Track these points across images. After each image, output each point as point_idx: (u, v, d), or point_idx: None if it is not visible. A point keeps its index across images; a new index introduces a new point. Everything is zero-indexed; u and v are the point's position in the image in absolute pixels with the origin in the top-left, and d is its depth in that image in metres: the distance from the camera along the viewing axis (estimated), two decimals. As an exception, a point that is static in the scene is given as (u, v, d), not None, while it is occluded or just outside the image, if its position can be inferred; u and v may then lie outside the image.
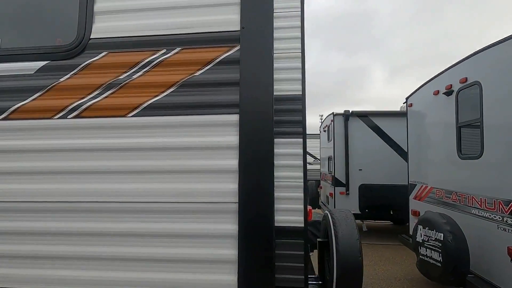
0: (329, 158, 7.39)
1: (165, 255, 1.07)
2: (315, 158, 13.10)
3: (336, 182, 6.75)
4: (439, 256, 3.09)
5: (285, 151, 2.27)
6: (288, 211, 2.23)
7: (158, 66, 1.14)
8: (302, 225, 2.21)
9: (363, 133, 6.69)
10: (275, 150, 2.25)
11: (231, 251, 1.02)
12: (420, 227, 3.52)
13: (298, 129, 2.22)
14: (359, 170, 6.63)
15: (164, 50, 1.15)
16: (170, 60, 1.14)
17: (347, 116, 6.69)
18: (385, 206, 6.46)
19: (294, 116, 2.31)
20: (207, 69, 1.12)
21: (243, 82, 1.08)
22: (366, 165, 6.61)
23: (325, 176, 8.24)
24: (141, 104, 1.11)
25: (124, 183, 1.08)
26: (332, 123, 6.96)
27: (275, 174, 2.24)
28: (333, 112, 7.00)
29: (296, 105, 2.30)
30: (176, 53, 1.14)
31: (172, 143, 1.09)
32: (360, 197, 6.58)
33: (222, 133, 1.07)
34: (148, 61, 1.14)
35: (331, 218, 2.62)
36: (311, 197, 8.05)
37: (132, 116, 1.11)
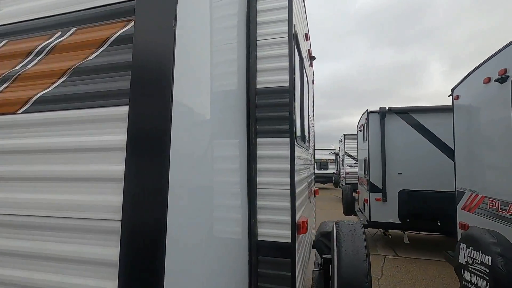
0: (365, 161, 6.70)
1: (30, 281, 0.85)
2: (356, 160, 12.19)
3: (371, 187, 6.06)
4: (486, 285, 2.45)
5: (268, 152, 1.95)
6: (271, 223, 1.90)
7: (53, 51, 0.96)
8: (289, 240, 1.87)
9: (403, 132, 5.91)
10: (258, 152, 1.95)
11: (109, 284, 0.77)
12: (463, 246, 2.86)
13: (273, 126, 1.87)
14: (398, 174, 5.86)
15: (59, 33, 0.96)
16: (64, 43, 0.95)
17: (383, 113, 5.97)
18: (431, 216, 5.60)
19: (279, 112, 1.97)
20: (101, 51, 0.90)
21: (136, 65, 0.82)
22: (407, 168, 5.82)
23: (361, 180, 7.51)
24: (31, 98, 0.94)
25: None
26: (367, 121, 6.29)
27: (258, 179, 1.93)
28: (367, 110, 6.32)
29: (282, 98, 1.97)
30: (71, 34, 0.95)
31: (55, 143, 0.89)
32: (400, 205, 5.80)
33: (108, 131, 0.84)
34: (43, 46, 0.97)
35: (336, 231, 2.21)
36: (346, 202, 7.39)
37: (22, 113, 0.94)
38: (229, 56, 1.60)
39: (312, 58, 3.62)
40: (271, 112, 1.90)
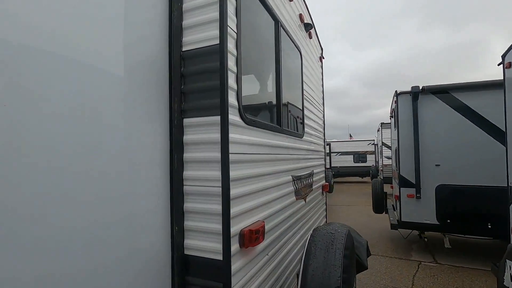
0: (396, 151, 5.78)
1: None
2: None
3: (401, 181, 5.17)
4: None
5: (198, 137, 1.44)
6: (202, 232, 1.41)
7: None
8: (220, 257, 1.36)
9: (442, 115, 4.89)
10: (185, 137, 1.46)
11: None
12: (509, 263, 2.07)
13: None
14: (436, 165, 4.89)
15: None
16: None
17: (415, 94, 5.00)
18: (479, 217, 4.58)
19: (209, 82, 1.45)
20: None
21: None
22: (447, 159, 4.82)
23: (394, 173, 6.56)
24: None
25: None
26: (396, 105, 5.36)
27: (184, 174, 1.45)
28: (396, 91, 5.38)
29: (211, 62, 1.44)
30: None
31: None
32: (439, 203, 4.84)
33: None
34: None
35: (308, 243, 1.65)
36: (375, 198, 6.51)
37: None
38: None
39: (307, 26, 2.98)
40: (200, 82, 1.40)
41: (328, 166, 19.40)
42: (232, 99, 1.40)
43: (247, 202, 1.49)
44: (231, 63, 1.40)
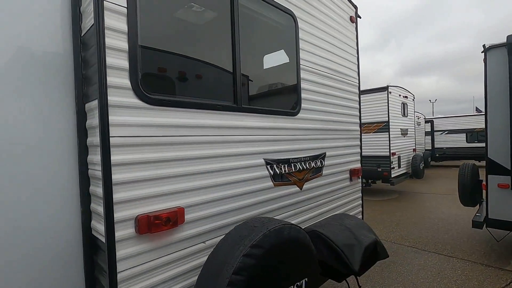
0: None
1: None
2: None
3: (490, 166, 3.89)
4: None
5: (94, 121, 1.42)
6: (96, 214, 1.41)
7: None
8: (103, 238, 1.33)
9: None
10: (87, 121, 1.47)
11: None
12: None
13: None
14: (546, 145, 3.45)
15: None
16: None
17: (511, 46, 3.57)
18: None
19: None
20: None
21: None
22: None
23: (492, 155, 5.00)
24: None
25: None
26: (484, 64, 3.99)
27: (88, 158, 1.47)
28: (484, 45, 3.99)
29: (92, 44, 1.36)
30: None
31: None
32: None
33: None
34: None
35: (225, 236, 1.48)
36: (462, 187, 5.13)
37: None
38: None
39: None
40: (91, 65, 1.37)
41: (429, 147, 16.47)
42: (117, 80, 1.32)
43: (151, 187, 1.42)
44: (114, 41, 1.31)
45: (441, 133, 16.69)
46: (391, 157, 8.14)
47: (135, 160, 1.37)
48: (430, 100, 45.66)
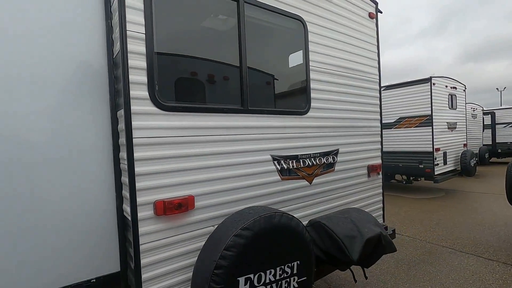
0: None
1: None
2: None
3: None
4: None
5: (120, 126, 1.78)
6: (125, 199, 1.77)
7: None
8: (129, 218, 1.68)
9: None
10: (119, 125, 1.83)
11: None
12: None
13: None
14: None
15: None
16: None
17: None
18: None
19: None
20: None
21: None
22: None
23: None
24: None
25: None
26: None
27: (120, 154, 1.84)
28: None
29: (119, 66, 1.71)
30: None
31: None
32: None
33: None
34: None
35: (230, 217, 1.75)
36: (509, 184, 4.67)
37: None
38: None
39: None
40: (120, 81, 1.74)
41: (488, 142, 14.85)
42: (138, 92, 1.67)
43: (166, 179, 1.75)
44: (135, 62, 1.66)
45: (505, 126, 14.91)
46: (435, 153, 7.64)
47: (153, 156, 1.71)
48: (497, 89, 40.38)
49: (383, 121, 3.49)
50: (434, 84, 7.76)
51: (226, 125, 2.04)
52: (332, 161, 2.78)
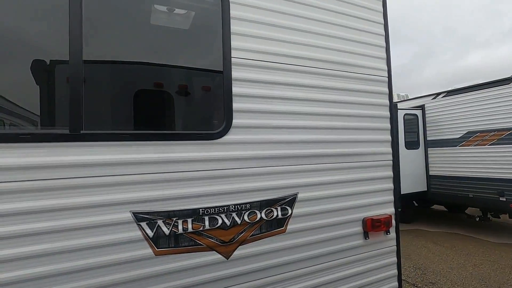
0: None
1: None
2: None
3: None
4: None
5: None
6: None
7: None
8: None
9: None
10: None
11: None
12: None
13: None
14: None
15: None
16: None
17: None
18: None
19: None
20: None
21: None
22: None
23: None
24: None
25: None
26: None
27: None
28: None
29: None
30: None
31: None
32: None
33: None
34: None
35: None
36: None
37: None
38: None
39: None
40: None
41: None
42: None
43: None
44: None
45: None
46: (525, 181, 5.43)
47: None
48: None
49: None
50: (520, 85, 5.61)
51: (39, 163, 1.14)
52: (281, 216, 1.63)
